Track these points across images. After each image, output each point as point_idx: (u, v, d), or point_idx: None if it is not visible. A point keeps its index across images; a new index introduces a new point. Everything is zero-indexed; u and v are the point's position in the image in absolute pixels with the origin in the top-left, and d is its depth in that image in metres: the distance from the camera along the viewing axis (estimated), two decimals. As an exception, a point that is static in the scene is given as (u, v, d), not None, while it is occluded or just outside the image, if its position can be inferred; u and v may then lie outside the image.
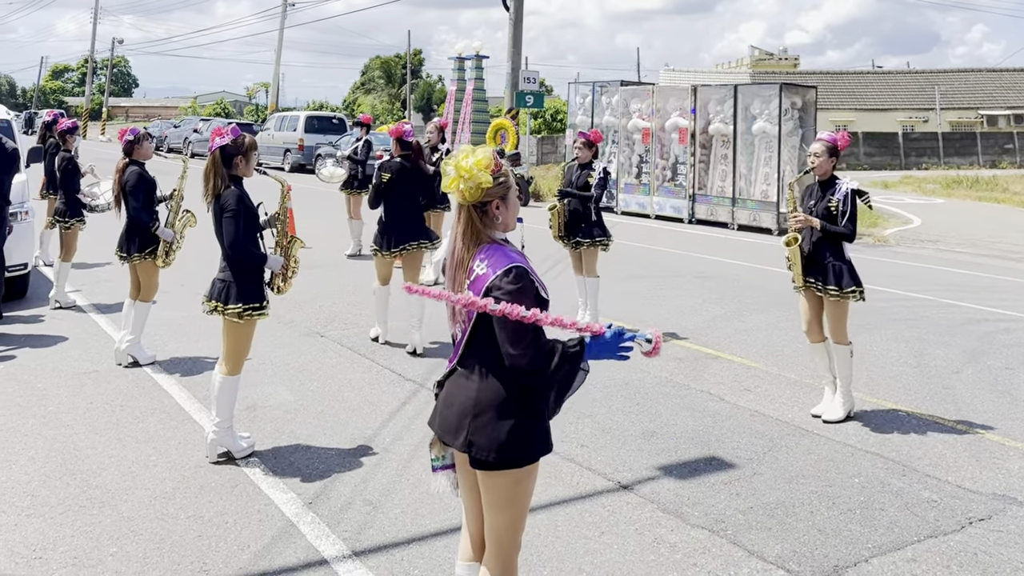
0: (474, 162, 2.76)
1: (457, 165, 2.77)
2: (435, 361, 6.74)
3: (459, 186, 2.77)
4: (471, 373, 2.84)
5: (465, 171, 2.75)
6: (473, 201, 2.79)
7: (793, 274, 5.74)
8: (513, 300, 2.66)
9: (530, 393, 2.81)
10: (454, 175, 2.77)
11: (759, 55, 62.24)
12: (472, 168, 2.75)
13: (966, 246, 14.72)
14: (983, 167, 38.33)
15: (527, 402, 2.80)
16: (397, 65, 62.69)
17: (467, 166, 2.75)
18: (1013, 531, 4.21)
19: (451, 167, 2.78)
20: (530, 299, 2.71)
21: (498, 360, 2.79)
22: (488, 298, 2.68)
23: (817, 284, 5.63)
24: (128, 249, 6.39)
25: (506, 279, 2.71)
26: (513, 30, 23.89)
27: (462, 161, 2.77)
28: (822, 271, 5.61)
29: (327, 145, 25.12)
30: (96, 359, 6.61)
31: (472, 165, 2.75)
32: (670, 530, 4.14)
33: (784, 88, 16.40)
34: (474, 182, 2.76)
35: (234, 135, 4.73)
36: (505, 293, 2.69)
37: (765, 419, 5.71)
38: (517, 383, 2.78)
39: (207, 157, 4.79)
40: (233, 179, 4.76)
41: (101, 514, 4.14)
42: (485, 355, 2.82)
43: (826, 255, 5.61)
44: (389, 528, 4.07)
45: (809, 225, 5.62)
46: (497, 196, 2.82)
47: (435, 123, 10.41)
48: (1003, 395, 6.34)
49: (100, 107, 57.42)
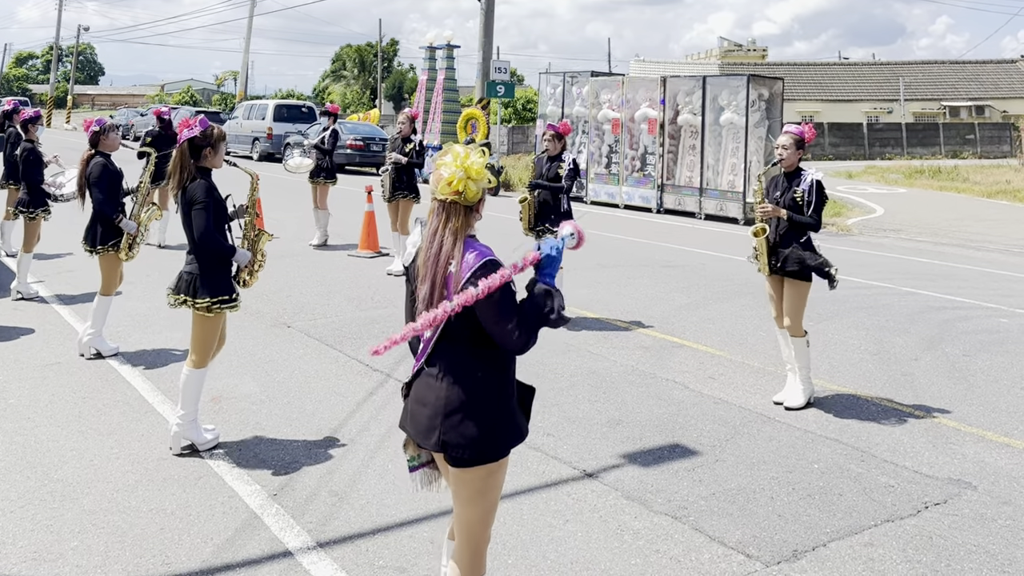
0: (481, 163, 2.79)
1: (467, 167, 2.77)
2: (403, 352, 6.72)
3: (467, 187, 2.77)
4: (439, 372, 2.85)
5: (475, 171, 2.77)
6: (473, 202, 2.82)
7: (760, 264, 5.82)
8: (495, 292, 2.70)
9: (500, 388, 2.85)
10: (462, 176, 2.76)
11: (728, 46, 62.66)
12: (480, 168, 2.78)
13: (927, 235, 14.98)
14: (945, 157, 38.97)
15: (496, 397, 2.84)
16: (369, 53, 62.20)
17: (477, 167, 2.78)
18: (967, 515, 4.31)
19: (458, 168, 2.77)
20: (511, 291, 2.76)
21: (465, 358, 2.82)
22: (465, 292, 2.69)
23: (775, 265, 5.74)
24: (92, 241, 6.31)
25: (483, 274, 2.73)
26: (484, 20, 23.82)
27: (468, 161, 2.78)
28: (787, 259, 5.69)
29: (296, 134, 24.90)
30: (59, 351, 6.53)
31: (480, 164, 2.79)
32: (634, 517, 4.19)
33: (752, 80, 16.53)
34: (483, 182, 2.80)
35: (203, 127, 4.69)
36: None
37: (728, 406, 5.79)
38: (488, 379, 2.82)
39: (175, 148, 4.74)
40: (201, 171, 4.72)
41: (62, 508, 4.10)
42: (452, 354, 2.84)
43: (792, 244, 5.70)
44: (354, 519, 4.07)
45: (776, 215, 5.70)
46: (484, 196, 2.89)
47: (406, 113, 10.34)
48: (959, 381, 6.48)
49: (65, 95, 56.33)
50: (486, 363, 2.84)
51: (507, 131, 36.07)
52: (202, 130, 4.68)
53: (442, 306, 2.72)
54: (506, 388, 2.88)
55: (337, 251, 11.34)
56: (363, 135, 25.11)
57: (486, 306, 2.73)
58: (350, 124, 26.76)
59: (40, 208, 8.05)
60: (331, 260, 10.74)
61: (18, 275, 8.13)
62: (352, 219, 12.68)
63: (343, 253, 11.21)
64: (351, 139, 24.38)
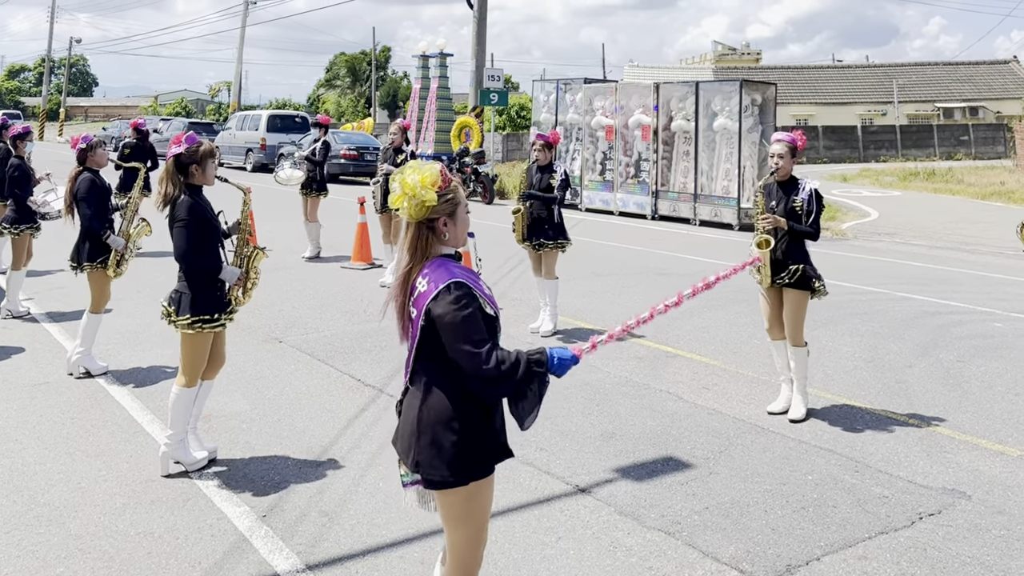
0: (419, 179, 2.72)
1: (402, 182, 2.73)
2: (395, 366, 6.70)
3: (403, 203, 2.74)
4: (417, 391, 2.84)
5: (409, 188, 2.72)
6: (419, 218, 2.76)
7: (761, 276, 5.71)
8: (453, 315, 2.65)
9: (474, 408, 2.79)
10: (399, 192, 2.74)
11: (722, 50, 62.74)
12: (416, 186, 2.71)
13: (921, 238, 14.98)
14: (939, 159, 39.07)
15: (471, 417, 2.78)
16: (363, 62, 62.26)
17: (412, 183, 2.71)
18: (961, 525, 4.28)
19: (396, 184, 2.75)
20: (472, 314, 2.69)
21: (440, 377, 2.78)
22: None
23: (784, 280, 5.66)
24: (78, 258, 6.28)
25: (446, 296, 2.69)
26: (477, 28, 23.85)
27: (407, 178, 2.73)
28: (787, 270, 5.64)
29: (290, 144, 24.87)
30: (47, 370, 6.48)
31: (416, 183, 2.71)
32: (627, 533, 4.16)
33: (744, 85, 16.55)
34: (418, 200, 2.73)
35: (188, 143, 4.67)
36: (444, 310, 2.68)
37: (722, 417, 5.76)
38: (460, 399, 2.77)
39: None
40: (191, 188, 4.70)
41: (48, 532, 4.06)
42: (428, 372, 2.82)
43: (791, 254, 5.65)
44: (344, 540, 4.03)
45: (778, 226, 5.63)
46: (444, 213, 2.79)
47: (398, 124, 10.34)
48: (954, 388, 6.46)
49: (58, 107, 56.28)
50: (462, 383, 2.77)
51: (501, 138, 36.11)
52: (187, 147, 4.66)
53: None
54: (480, 409, 2.80)
55: (330, 263, 11.31)
56: (356, 144, 25.10)
57: (445, 330, 2.69)
58: (343, 134, 26.74)
59: (26, 225, 7.99)
60: (324, 272, 10.71)
61: (8, 293, 8.08)
62: (345, 230, 12.64)
63: (336, 265, 11.18)
64: (344, 148, 24.36)
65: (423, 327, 2.74)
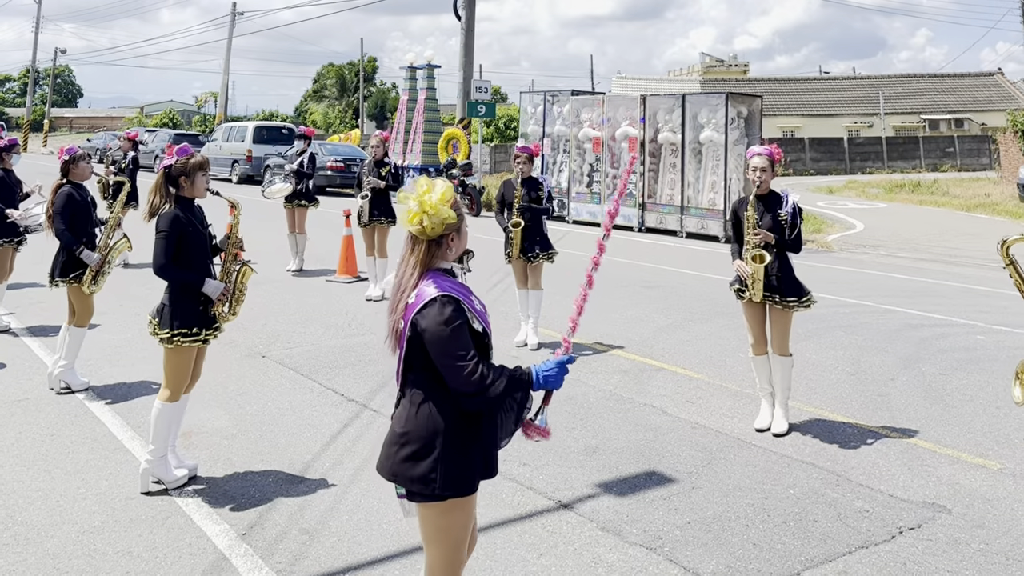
0: (439, 198, 2.75)
1: (421, 200, 2.75)
2: (379, 381, 6.69)
3: (423, 221, 2.75)
4: (406, 402, 2.86)
5: (430, 207, 2.74)
6: (433, 236, 2.79)
7: (753, 291, 5.68)
8: (439, 328, 2.67)
9: (461, 422, 2.79)
10: (417, 210, 2.75)
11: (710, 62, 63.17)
12: (438, 204, 2.75)
13: (906, 250, 15.07)
14: (925, 171, 39.41)
15: (457, 432, 2.79)
16: (351, 73, 62.28)
17: (432, 202, 2.74)
18: (941, 539, 4.30)
19: (414, 202, 2.76)
20: (458, 327, 2.70)
21: (427, 389, 2.80)
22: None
23: (774, 297, 5.67)
24: (54, 272, 6.24)
25: (433, 308, 2.71)
26: (465, 39, 23.91)
27: (425, 197, 2.75)
28: (777, 284, 5.65)
29: (276, 156, 24.82)
30: (27, 386, 6.43)
31: (437, 201, 2.74)
32: (608, 549, 4.15)
33: (731, 97, 16.66)
34: (439, 218, 2.76)
35: (180, 155, 4.69)
36: (429, 323, 2.70)
37: (705, 431, 5.77)
38: (446, 411, 2.78)
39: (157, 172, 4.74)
40: (181, 200, 4.70)
41: (25, 552, 4.02)
42: (415, 384, 2.83)
43: (778, 268, 5.67)
44: (325, 558, 4.01)
45: (768, 240, 5.61)
46: (454, 229, 2.83)
47: (378, 136, 10.30)
48: (936, 401, 6.49)
49: (42, 118, 56.00)
50: (447, 396, 2.78)
51: (489, 150, 36.18)
52: (178, 159, 4.66)
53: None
54: (467, 425, 2.81)
55: (315, 276, 11.28)
56: (343, 156, 25.08)
57: (431, 343, 2.70)
58: (330, 145, 26.72)
59: (6, 239, 7.93)
60: (308, 286, 10.68)
61: (-11, 307, 8.01)
62: (330, 242, 12.62)
63: (321, 279, 11.15)
64: (331, 160, 24.33)
65: (409, 338, 2.76)
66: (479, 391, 2.68)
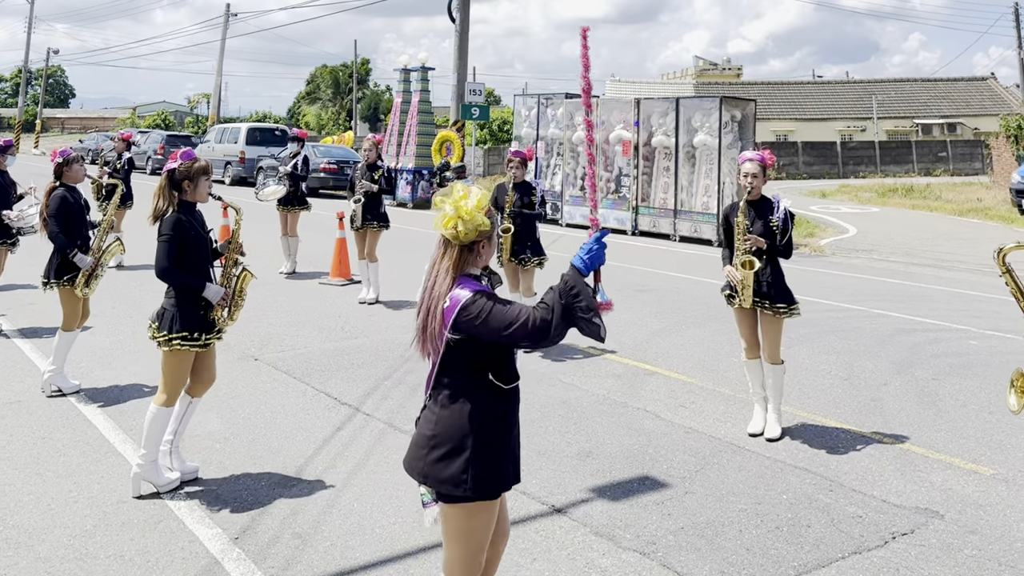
0: (475, 204, 2.82)
1: (457, 206, 2.82)
2: (372, 384, 6.68)
3: (457, 226, 2.82)
4: (434, 406, 2.92)
5: (466, 213, 2.82)
6: (466, 242, 2.87)
7: (743, 297, 5.70)
8: (484, 312, 2.76)
9: (492, 426, 2.88)
10: (453, 215, 2.82)
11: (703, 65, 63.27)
12: (474, 211, 2.82)
13: (899, 255, 15.12)
14: (918, 175, 39.57)
15: (487, 436, 2.87)
16: (345, 74, 62.22)
17: (467, 208, 2.82)
18: (934, 545, 4.31)
19: (450, 207, 2.83)
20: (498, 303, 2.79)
21: (456, 393, 2.88)
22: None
23: (764, 303, 5.68)
24: (48, 274, 6.21)
25: (471, 304, 2.79)
26: (459, 42, 23.92)
27: (461, 202, 2.82)
28: (768, 290, 5.65)
29: (269, 158, 24.78)
30: (19, 389, 6.40)
31: (473, 208, 2.82)
32: (601, 554, 4.15)
33: (724, 101, 16.69)
34: (473, 224, 2.84)
35: (184, 159, 4.71)
36: (473, 316, 2.78)
37: (699, 436, 5.77)
38: (479, 416, 2.86)
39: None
40: (184, 204, 4.73)
41: (16, 556, 3.99)
42: (447, 388, 2.91)
43: (769, 274, 5.68)
44: (317, 562, 4.00)
45: (759, 246, 5.61)
46: (486, 237, 2.91)
47: (371, 140, 10.27)
48: (929, 406, 6.51)
49: (34, 119, 55.77)
50: (479, 399, 2.87)
51: (483, 153, 36.19)
52: (182, 163, 4.68)
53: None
54: (498, 428, 2.90)
55: (308, 279, 11.26)
56: (336, 158, 25.04)
57: (484, 328, 2.77)
58: (323, 147, 26.68)
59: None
60: (301, 288, 10.65)
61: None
62: (324, 245, 12.60)
63: (314, 281, 11.13)
64: (325, 162, 24.29)
65: (448, 341, 2.84)
66: (548, 331, 2.74)
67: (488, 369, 2.88)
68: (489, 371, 2.88)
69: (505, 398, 2.93)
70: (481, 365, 2.88)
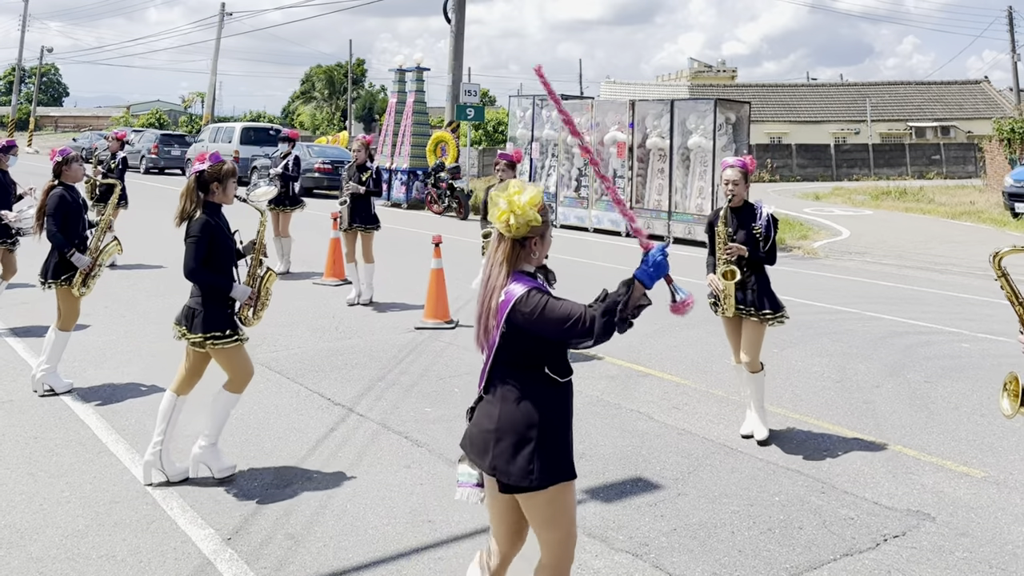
0: (528, 200, 2.90)
1: (510, 200, 2.90)
2: (366, 384, 6.68)
3: (509, 220, 2.90)
4: (494, 399, 2.99)
5: (519, 208, 2.90)
6: (518, 236, 2.93)
7: (725, 306, 5.68)
8: (539, 307, 2.82)
9: (551, 415, 2.94)
10: (506, 208, 2.90)
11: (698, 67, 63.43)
12: (526, 206, 2.89)
13: (892, 258, 15.17)
14: (911, 178, 39.68)
15: (548, 425, 2.93)
16: (339, 74, 62.16)
17: (521, 203, 2.90)
18: (925, 547, 4.33)
19: (504, 201, 2.90)
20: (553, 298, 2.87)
21: (515, 386, 2.95)
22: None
23: (748, 311, 5.68)
24: (45, 274, 6.20)
25: (525, 300, 2.85)
26: (454, 43, 23.93)
27: (515, 197, 2.90)
28: (752, 297, 5.66)
29: (263, 157, 24.73)
30: (11, 388, 6.38)
31: (526, 203, 2.89)
32: (594, 555, 4.16)
33: (719, 103, 16.72)
34: (524, 219, 2.91)
35: (213, 161, 4.78)
36: (528, 311, 2.84)
37: (692, 437, 5.78)
38: (536, 406, 2.92)
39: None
40: (209, 206, 4.79)
41: (8, 556, 3.98)
42: (506, 380, 2.97)
43: (754, 281, 5.68)
44: (310, 563, 4.00)
45: (740, 254, 5.61)
46: (538, 234, 2.98)
47: (360, 140, 10.19)
48: (920, 409, 6.53)
49: (27, 117, 55.59)
50: (537, 391, 2.94)
51: (478, 154, 36.20)
52: (211, 165, 4.74)
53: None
54: (557, 420, 2.96)
55: (301, 279, 11.24)
56: (331, 158, 25.01)
57: (539, 323, 2.83)
58: (318, 147, 26.65)
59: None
60: (295, 288, 10.64)
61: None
62: (318, 245, 12.58)
63: (308, 281, 11.11)
64: (319, 162, 24.26)
65: (504, 334, 2.90)
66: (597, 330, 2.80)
67: (544, 363, 2.95)
68: (545, 365, 2.95)
69: (562, 390, 3.00)
70: (537, 359, 2.94)
